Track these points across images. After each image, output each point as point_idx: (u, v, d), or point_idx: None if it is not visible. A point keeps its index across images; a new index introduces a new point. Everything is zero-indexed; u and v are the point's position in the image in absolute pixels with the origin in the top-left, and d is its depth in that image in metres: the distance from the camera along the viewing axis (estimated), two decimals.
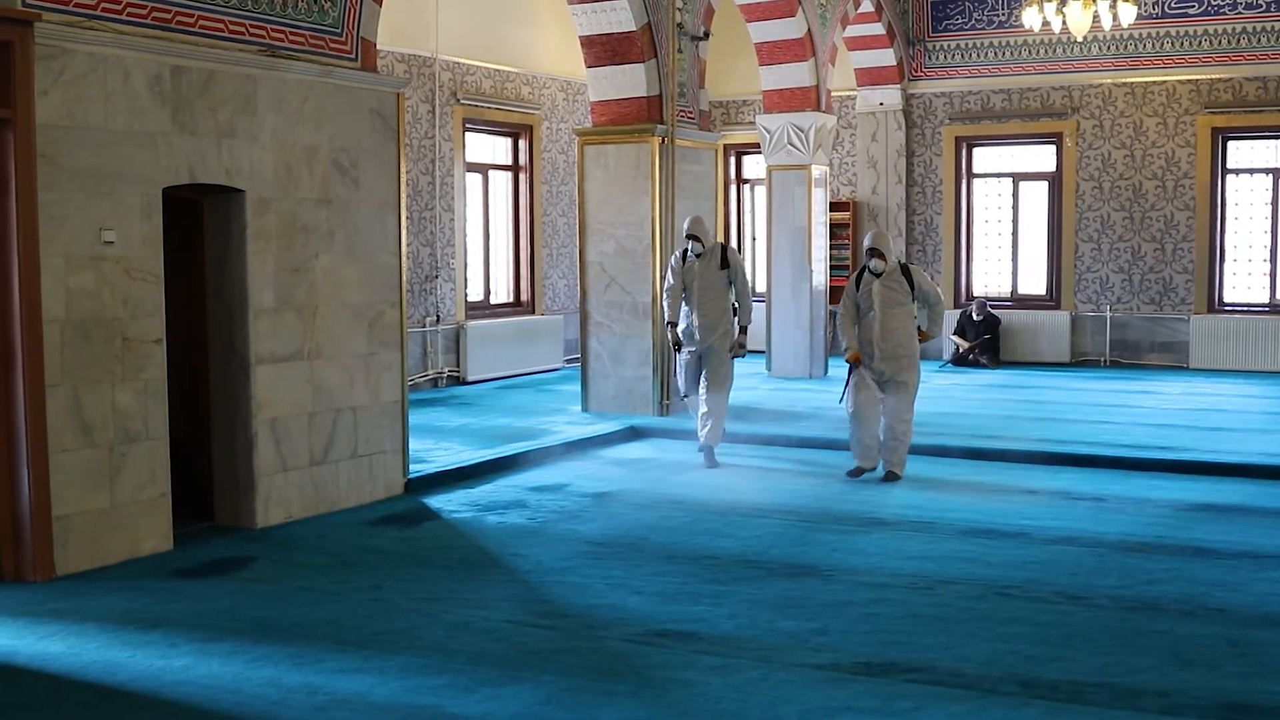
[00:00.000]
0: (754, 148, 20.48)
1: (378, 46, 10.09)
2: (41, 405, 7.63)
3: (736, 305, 11.65)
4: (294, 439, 9.26)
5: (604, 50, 13.82)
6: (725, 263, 11.59)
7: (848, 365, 10.90)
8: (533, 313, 18.83)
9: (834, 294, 19.41)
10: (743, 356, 11.71)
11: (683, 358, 11.83)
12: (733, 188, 21.95)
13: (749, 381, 16.91)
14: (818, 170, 17.51)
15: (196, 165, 8.52)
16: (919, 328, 10.85)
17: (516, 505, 9.79)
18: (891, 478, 10.71)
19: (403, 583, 7.71)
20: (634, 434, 13.08)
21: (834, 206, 19.67)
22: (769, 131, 17.44)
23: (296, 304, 9.23)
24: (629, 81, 13.85)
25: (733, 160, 21.86)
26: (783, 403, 15.08)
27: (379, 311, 9.85)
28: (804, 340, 17.52)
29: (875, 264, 10.71)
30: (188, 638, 6.60)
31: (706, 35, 14.73)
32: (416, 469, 10.50)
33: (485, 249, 18.35)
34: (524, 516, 9.43)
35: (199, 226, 9.07)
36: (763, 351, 17.96)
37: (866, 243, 10.81)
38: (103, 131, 7.93)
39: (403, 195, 10.11)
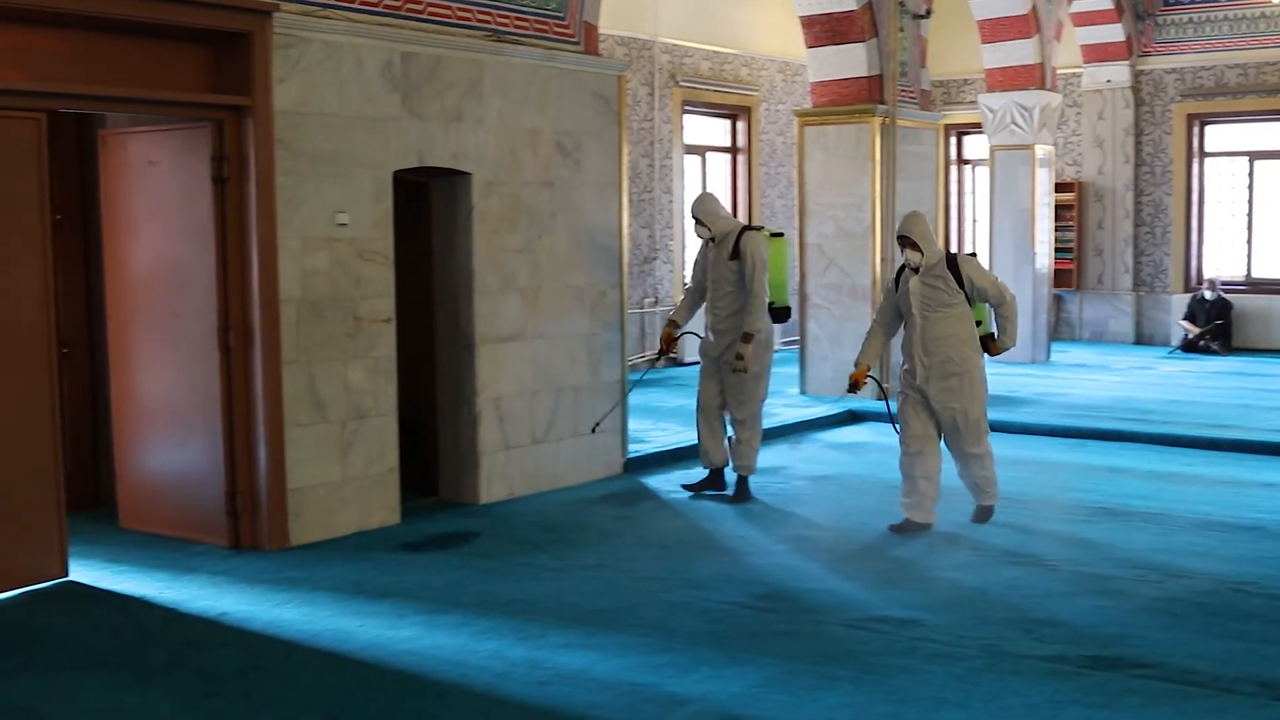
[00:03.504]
0: (976, 128, 20.08)
1: (598, 30, 10.18)
2: (278, 382, 7.90)
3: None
4: (516, 418, 9.42)
5: (824, 30, 13.71)
6: (737, 252, 9.18)
7: (849, 387, 8.62)
8: None
9: (1058, 277, 19.07)
10: (744, 371, 9.12)
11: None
12: (953, 168, 21.60)
13: None
14: (1042, 150, 17.13)
15: (425, 149, 8.71)
16: (987, 336, 8.47)
17: (733, 487, 9.80)
18: (983, 515, 8.64)
19: (622, 561, 7.78)
20: (852, 417, 12.97)
21: (1058, 187, 19.18)
22: (992, 111, 17.11)
23: (520, 285, 9.38)
24: (849, 61, 13.72)
25: (954, 140, 21.52)
26: (1004, 388, 14.76)
27: (600, 292, 9.95)
28: (1026, 325, 17.08)
29: (909, 256, 8.33)
30: (415, 609, 6.77)
31: (928, 13, 14.49)
32: (635, 449, 10.59)
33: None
34: None
35: (426, 209, 9.28)
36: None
37: (897, 229, 8.54)
38: (336, 117, 8.16)
39: (624, 177, 10.19)
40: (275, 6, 7.77)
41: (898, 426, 8.56)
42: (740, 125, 18.87)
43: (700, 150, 18.27)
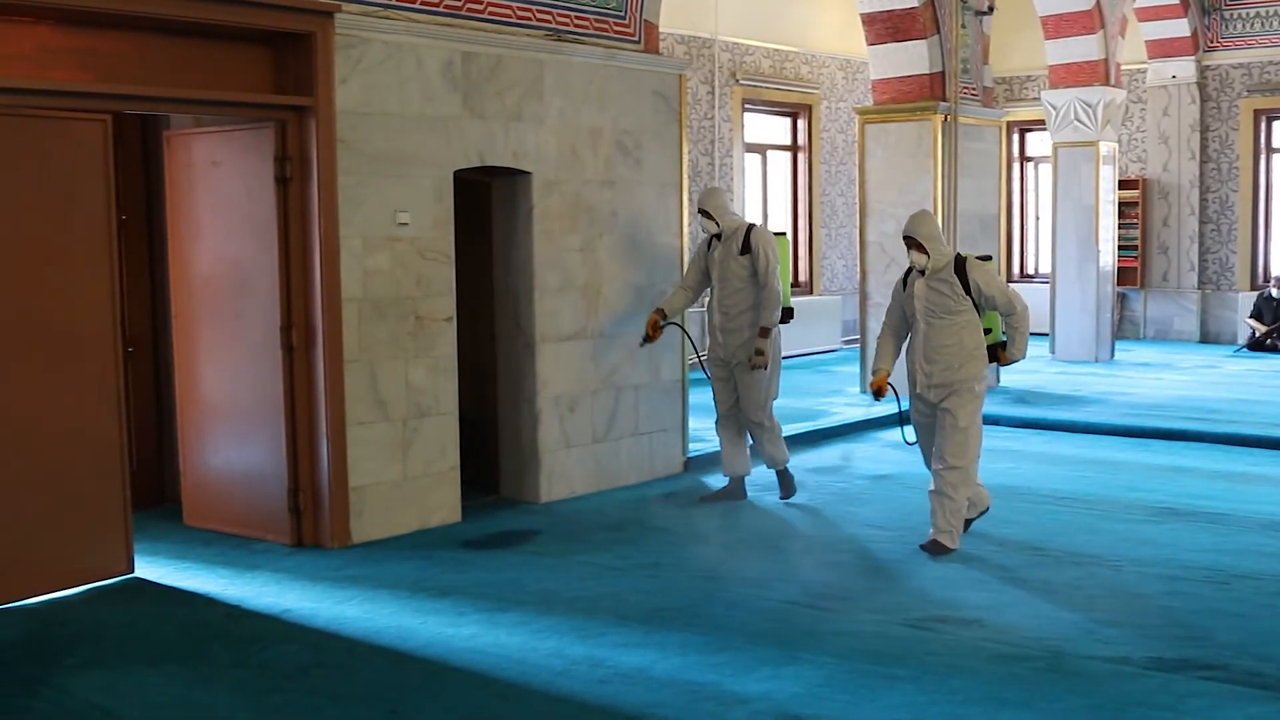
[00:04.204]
0: (1038, 124, 19.93)
1: (658, 28, 10.17)
2: (340, 380, 7.95)
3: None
4: (577, 416, 9.43)
5: (886, 27, 13.65)
6: (747, 247, 8.97)
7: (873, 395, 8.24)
8: (810, 293, 18.76)
9: (1122, 275, 18.90)
10: (763, 368, 8.98)
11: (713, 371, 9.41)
12: (1016, 166, 21.45)
13: (1032, 365, 16.52)
14: (1106, 147, 16.97)
15: (485, 148, 8.74)
16: (998, 345, 8.08)
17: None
18: (934, 548, 7.82)
19: (682, 560, 7.78)
20: None
21: (1122, 184, 19.01)
22: (1055, 107, 16.97)
23: (580, 283, 9.39)
24: (911, 58, 13.65)
25: (1016, 137, 21.36)
26: (1067, 386, 14.68)
27: (660, 291, 9.93)
28: (1090, 323, 17.02)
29: (915, 258, 7.92)
30: (475, 607, 6.79)
31: (991, 9, 14.40)
32: (695, 448, 10.58)
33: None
34: (802, 497, 9.39)
35: (487, 208, 9.30)
36: (1045, 334, 17.56)
37: (904, 229, 8.07)
38: (398, 117, 8.20)
39: (684, 176, 10.19)
40: (337, 7, 7.82)
41: (906, 436, 8.29)
42: (801, 123, 18.82)
43: (761, 149, 18.23)
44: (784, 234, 9.51)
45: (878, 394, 8.08)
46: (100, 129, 7.09)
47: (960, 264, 7.85)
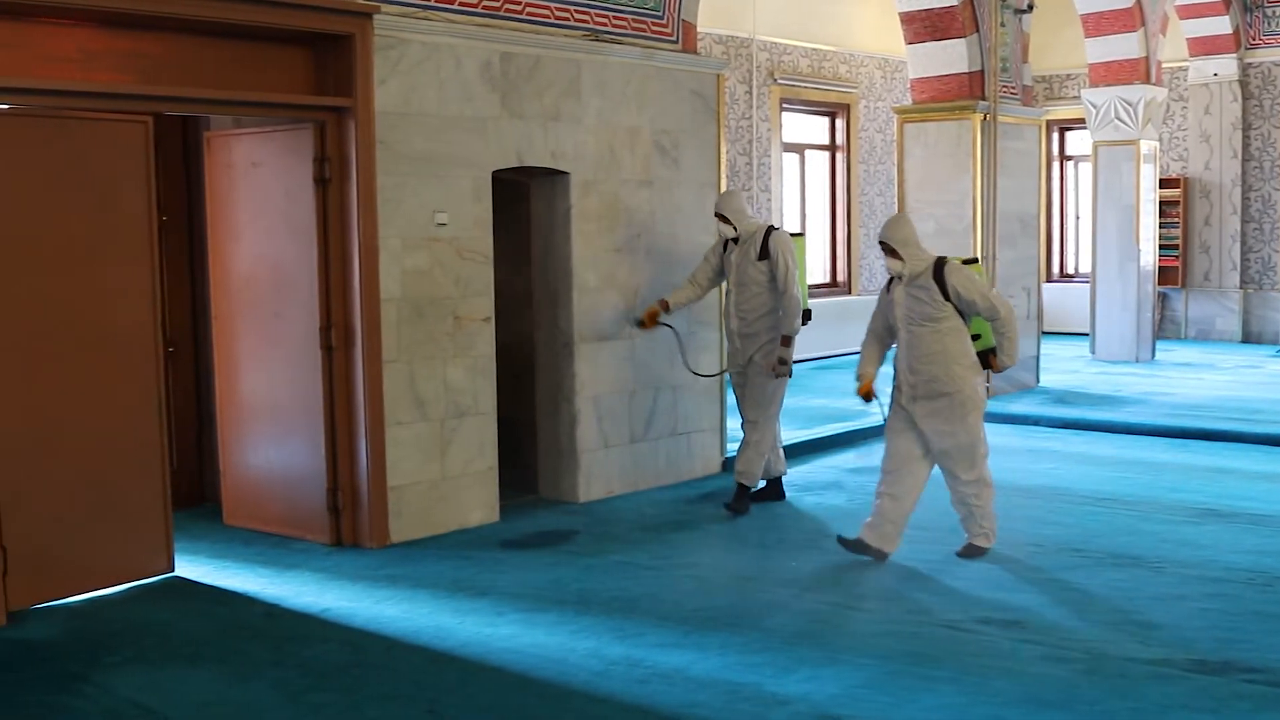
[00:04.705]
0: (1078, 123, 19.85)
1: (696, 28, 10.16)
2: (379, 380, 7.97)
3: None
4: (615, 416, 9.43)
5: (924, 26, 13.59)
6: (765, 252, 8.77)
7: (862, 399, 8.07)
8: (849, 293, 18.70)
9: (1163, 275, 18.78)
10: (786, 376, 8.90)
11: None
12: (1056, 165, 21.34)
13: (1071, 365, 16.47)
14: (1147, 146, 16.85)
15: (524, 148, 8.74)
16: (989, 351, 7.66)
17: (833, 486, 9.76)
18: (971, 551, 7.76)
19: (721, 560, 7.77)
20: None
21: (1163, 183, 18.88)
22: (1095, 106, 16.86)
23: (618, 283, 9.39)
24: (950, 57, 13.59)
25: (1056, 136, 21.25)
26: (1108, 387, 14.59)
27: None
28: (1130, 322, 16.91)
29: (891, 264, 7.62)
30: (514, 607, 6.80)
31: (1030, 7, 14.32)
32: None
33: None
34: (841, 498, 9.38)
35: (525, 208, 9.31)
36: (1085, 334, 17.48)
37: (879, 234, 7.74)
38: (436, 117, 8.21)
39: (722, 176, 10.17)
40: (376, 8, 7.84)
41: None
42: (839, 123, 18.77)
43: (799, 148, 18.20)
44: (802, 235, 9.40)
45: (866, 399, 7.93)
46: (141, 130, 7.14)
47: (939, 269, 7.51)
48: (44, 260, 6.79)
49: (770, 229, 8.87)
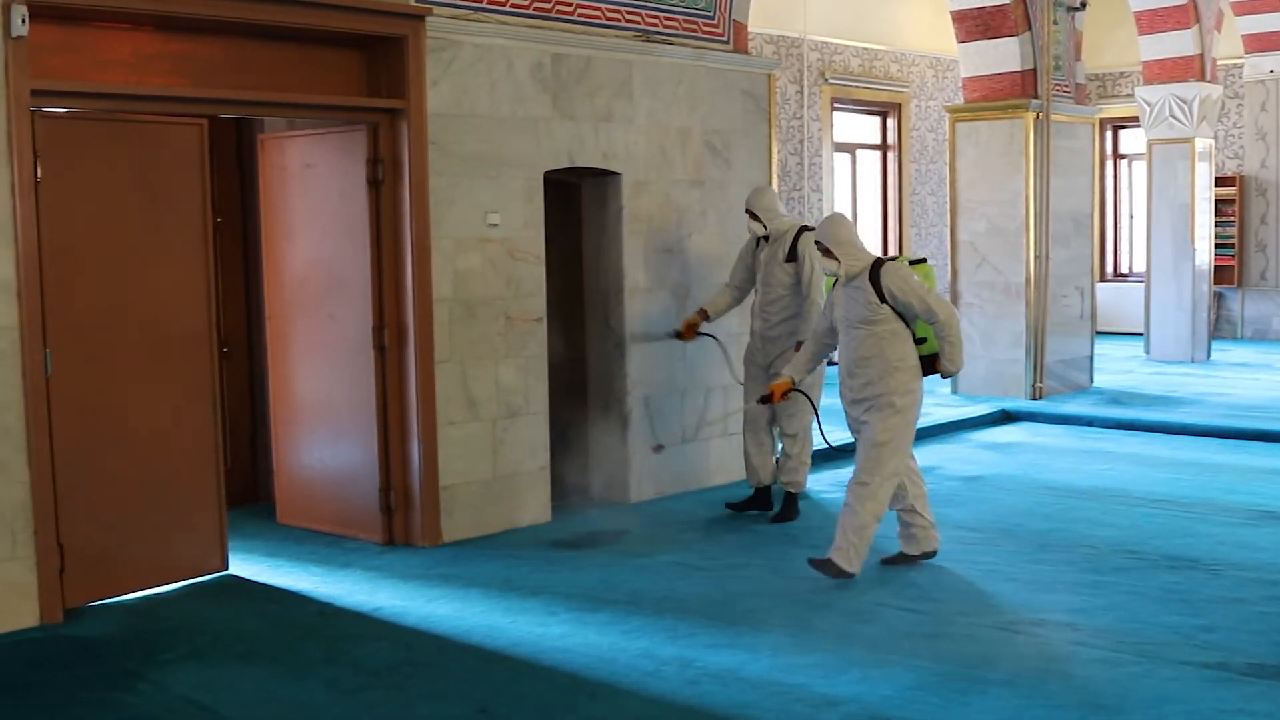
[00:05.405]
0: (1132, 121, 19.69)
1: (747, 28, 10.15)
2: (431, 380, 8.00)
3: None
4: (666, 416, 9.43)
5: (976, 24, 13.53)
6: (794, 253, 8.57)
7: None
8: None
9: (1218, 274, 18.61)
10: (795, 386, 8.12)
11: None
12: (1109, 164, 21.17)
13: (1125, 365, 16.35)
14: (1201, 144, 16.70)
15: (575, 149, 8.76)
16: (933, 356, 7.35)
17: None
18: (822, 565, 7.25)
19: (772, 561, 7.74)
20: (1005, 417, 12.81)
21: (1219, 182, 18.70)
22: (1149, 104, 16.73)
23: (669, 283, 9.39)
24: (1002, 56, 13.52)
25: (1109, 135, 21.08)
26: (1163, 387, 14.46)
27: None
28: (1185, 322, 16.76)
29: (826, 265, 7.39)
30: (565, 607, 6.81)
31: (1083, 5, 14.22)
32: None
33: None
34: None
35: (577, 208, 9.33)
36: (1139, 334, 17.35)
37: (814, 235, 7.60)
38: (488, 118, 8.24)
39: (773, 176, 10.15)
40: (428, 10, 7.87)
41: (826, 438, 8.01)
42: (890, 122, 18.70)
43: (850, 148, 18.14)
44: (924, 260, 9.03)
45: (765, 400, 7.78)
46: (196, 133, 7.20)
47: (876, 270, 7.22)
48: (102, 262, 6.86)
49: (802, 229, 8.63)
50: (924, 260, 7.81)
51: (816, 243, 7.45)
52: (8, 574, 6.45)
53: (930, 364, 7.35)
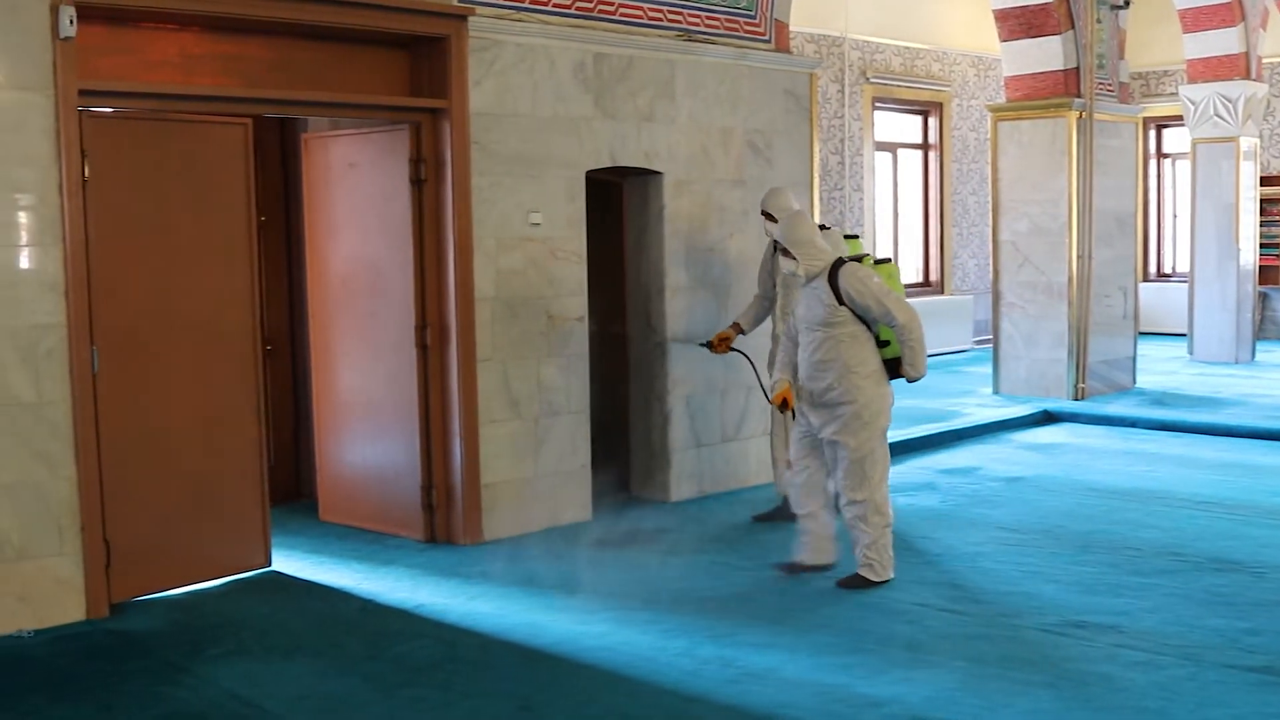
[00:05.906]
0: (1176, 120, 19.55)
1: (789, 27, 10.14)
2: (473, 379, 8.03)
3: None
4: (707, 416, 9.43)
5: (1019, 23, 13.47)
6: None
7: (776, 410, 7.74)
8: (942, 292, 18.58)
9: (1264, 274, 18.47)
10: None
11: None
12: (1153, 163, 21.03)
13: (1168, 365, 16.24)
14: (1247, 143, 16.57)
15: (617, 148, 8.78)
16: (896, 360, 7.10)
17: (926, 488, 9.70)
18: (853, 581, 7.13)
19: None
20: (1047, 418, 12.75)
21: (1264, 181, 18.53)
22: (1193, 103, 16.61)
23: (711, 283, 9.39)
24: (1045, 54, 13.46)
25: (1153, 134, 20.94)
26: (1206, 388, 14.36)
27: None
28: (1229, 322, 16.64)
29: (784, 264, 7.27)
30: (606, 605, 6.83)
31: (1127, 3, 14.13)
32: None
33: (894, 228, 18.21)
34: (935, 499, 9.32)
35: (619, 208, 9.34)
36: (1183, 334, 17.24)
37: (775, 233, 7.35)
38: (530, 118, 8.27)
39: (815, 175, 10.14)
40: (471, 10, 7.90)
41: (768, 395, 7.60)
42: (932, 121, 18.65)
43: (891, 147, 18.10)
44: (857, 236, 8.88)
45: (782, 407, 7.27)
46: (241, 132, 7.25)
47: (834, 271, 6.99)
48: (149, 261, 6.93)
49: (820, 228, 8.31)
50: (889, 260, 7.69)
51: (774, 242, 7.18)
52: (55, 569, 6.52)
53: (895, 367, 7.14)
